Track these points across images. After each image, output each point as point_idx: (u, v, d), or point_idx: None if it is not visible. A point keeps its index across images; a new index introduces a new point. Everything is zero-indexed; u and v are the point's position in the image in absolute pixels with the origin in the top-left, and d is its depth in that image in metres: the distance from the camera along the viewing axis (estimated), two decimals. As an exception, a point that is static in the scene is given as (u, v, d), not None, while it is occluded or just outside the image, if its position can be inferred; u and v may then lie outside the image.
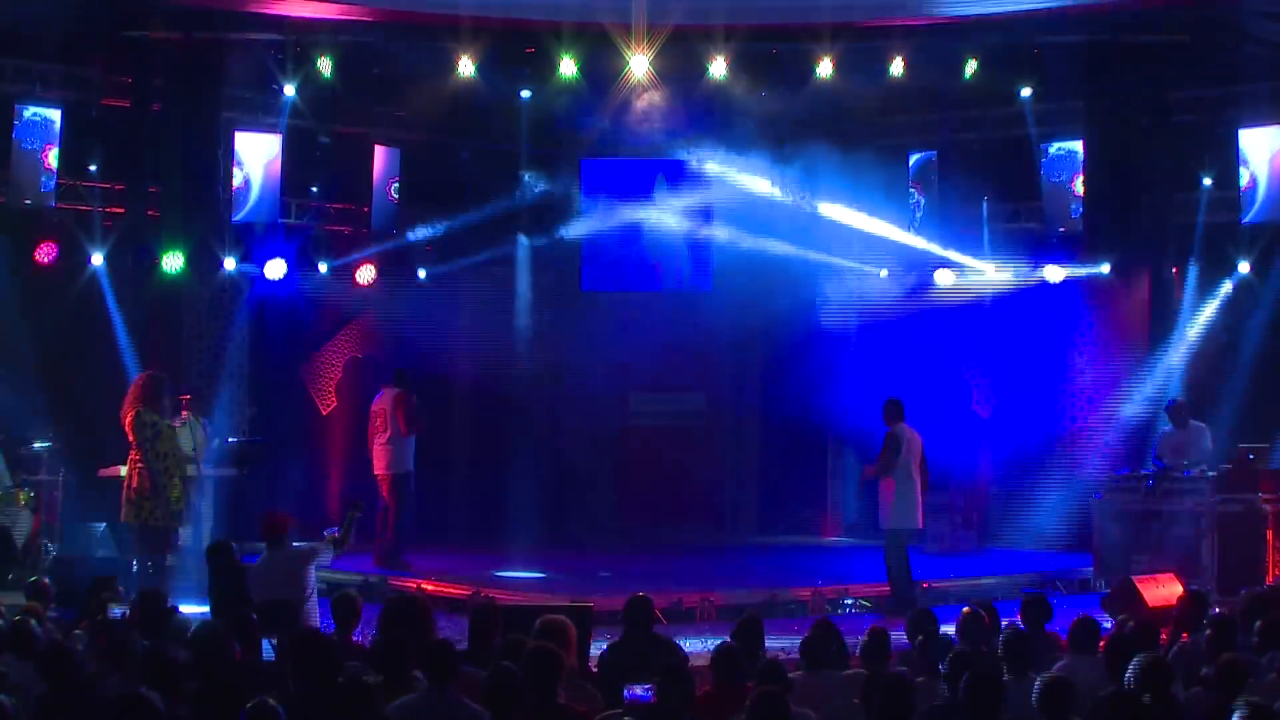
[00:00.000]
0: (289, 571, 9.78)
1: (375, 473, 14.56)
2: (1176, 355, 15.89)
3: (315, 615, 9.56)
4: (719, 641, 7.70)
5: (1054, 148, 15.89)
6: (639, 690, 6.87)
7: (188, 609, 9.49)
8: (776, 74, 15.45)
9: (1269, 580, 13.33)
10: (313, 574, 9.84)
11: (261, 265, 15.91)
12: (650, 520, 18.04)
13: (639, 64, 14.21)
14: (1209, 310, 15.69)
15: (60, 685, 6.41)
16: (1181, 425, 14.73)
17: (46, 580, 10.52)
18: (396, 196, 16.92)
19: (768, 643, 8.42)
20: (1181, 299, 15.89)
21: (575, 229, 17.11)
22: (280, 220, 15.99)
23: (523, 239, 17.20)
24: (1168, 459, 14.65)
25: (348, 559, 14.94)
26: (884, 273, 17.23)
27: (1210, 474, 14.21)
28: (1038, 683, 6.29)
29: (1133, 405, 16.16)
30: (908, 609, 10.58)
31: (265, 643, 7.77)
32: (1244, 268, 15.34)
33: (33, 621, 7.54)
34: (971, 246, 16.63)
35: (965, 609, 8.48)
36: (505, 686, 6.17)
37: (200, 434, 14.52)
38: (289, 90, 15.39)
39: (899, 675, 6.62)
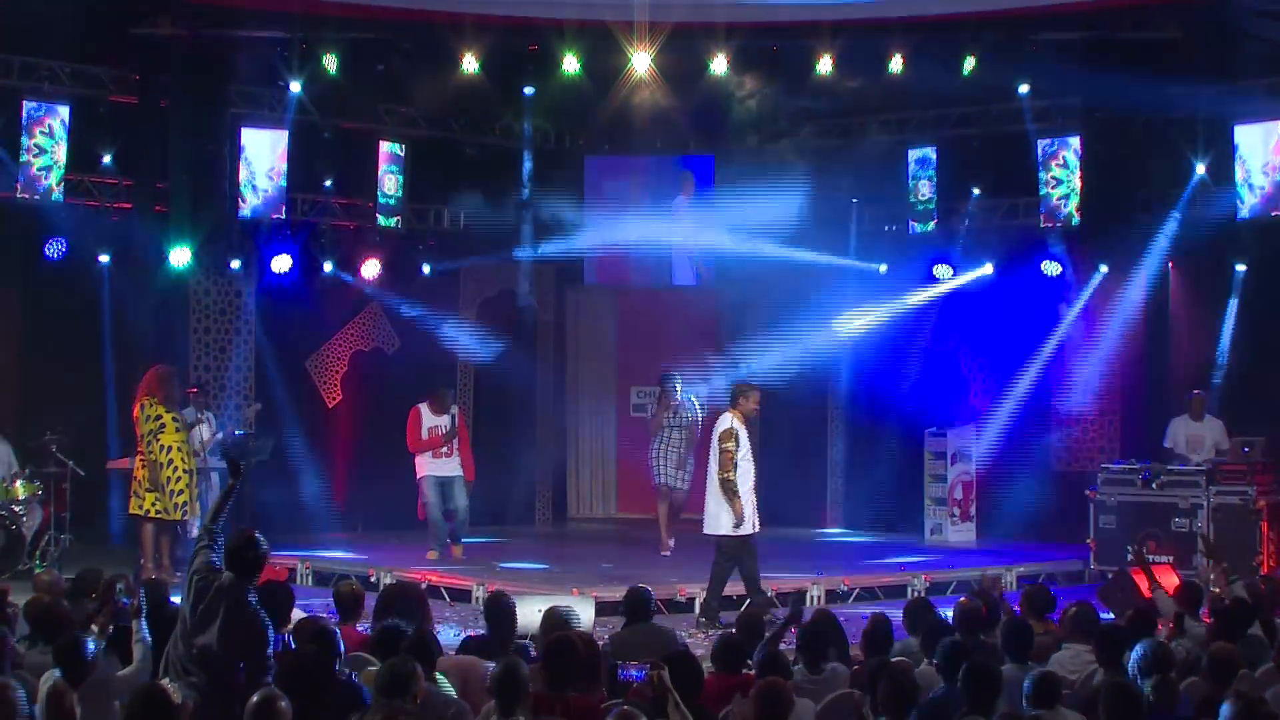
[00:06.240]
0: None
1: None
2: (1171, 349, 16.02)
3: None
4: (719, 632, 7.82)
5: (1051, 144, 15.99)
6: (633, 670, 6.95)
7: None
8: (777, 70, 15.54)
9: (1264, 571, 13.48)
10: None
11: (268, 260, 16.05)
12: (652, 512, 18.13)
13: (641, 61, 14.33)
14: (1203, 304, 15.80)
15: (73, 673, 6.54)
16: (1198, 418, 14.87)
17: (56, 571, 10.67)
18: (401, 192, 17.05)
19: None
20: (1177, 294, 16.01)
21: (578, 225, 17.19)
22: (286, 216, 16.11)
23: (526, 235, 17.28)
24: (1181, 451, 14.78)
25: (358, 552, 15.12)
26: (883, 268, 17.35)
27: (1204, 466, 14.36)
28: (1029, 676, 6.43)
29: (1129, 398, 16.29)
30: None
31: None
32: (1240, 264, 15.44)
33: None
34: (966, 241, 16.76)
35: (962, 599, 8.60)
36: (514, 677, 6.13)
37: (209, 427, 14.66)
38: (295, 87, 15.50)
39: (903, 663, 6.74)
